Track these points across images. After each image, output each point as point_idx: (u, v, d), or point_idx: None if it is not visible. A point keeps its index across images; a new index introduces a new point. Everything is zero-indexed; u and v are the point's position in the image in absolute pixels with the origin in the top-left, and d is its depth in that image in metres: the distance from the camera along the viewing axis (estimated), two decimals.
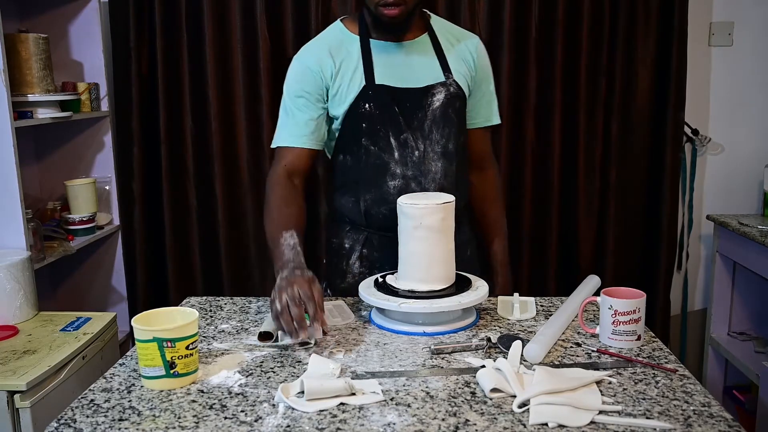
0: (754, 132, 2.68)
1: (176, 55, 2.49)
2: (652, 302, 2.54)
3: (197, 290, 2.60)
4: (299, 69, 1.56)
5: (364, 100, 1.52)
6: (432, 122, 1.54)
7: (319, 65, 1.53)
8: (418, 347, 1.30)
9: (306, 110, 1.54)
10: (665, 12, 2.45)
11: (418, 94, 1.54)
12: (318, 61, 1.53)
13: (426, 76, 1.55)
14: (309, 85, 1.54)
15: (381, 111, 1.52)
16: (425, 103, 1.54)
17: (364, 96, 1.51)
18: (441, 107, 1.55)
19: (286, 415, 1.04)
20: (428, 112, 1.54)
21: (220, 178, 2.54)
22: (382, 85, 1.52)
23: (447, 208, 1.40)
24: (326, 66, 1.53)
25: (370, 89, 1.51)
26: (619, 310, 1.27)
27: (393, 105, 1.52)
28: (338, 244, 1.65)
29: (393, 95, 1.52)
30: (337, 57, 1.53)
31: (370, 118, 1.52)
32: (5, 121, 1.91)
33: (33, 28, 2.34)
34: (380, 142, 1.53)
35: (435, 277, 1.40)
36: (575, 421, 1.00)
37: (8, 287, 1.83)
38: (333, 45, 1.55)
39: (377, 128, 1.52)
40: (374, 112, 1.52)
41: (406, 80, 1.54)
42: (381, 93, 1.52)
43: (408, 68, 1.54)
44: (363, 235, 1.61)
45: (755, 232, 2.28)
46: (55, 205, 2.47)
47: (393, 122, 1.52)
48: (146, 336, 1.12)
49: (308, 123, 1.54)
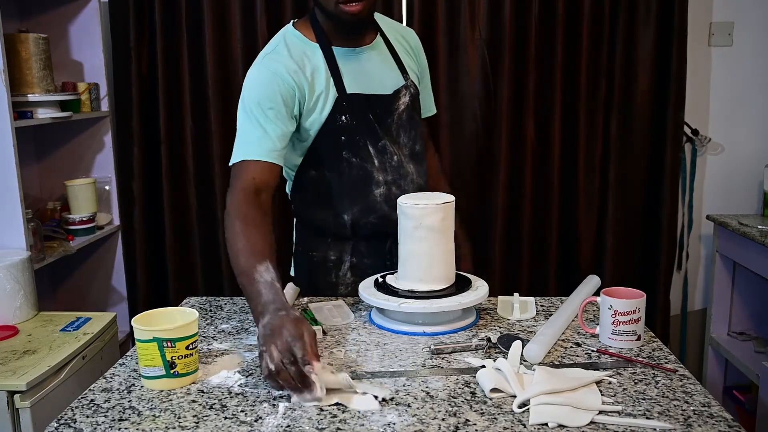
0: (754, 132, 2.68)
1: (176, 55, 2.49)
2: (652, 302, 2.54)
3: (197, 290, 2.60)
4: (269, 78, 1.41)
5: (340, 111, 1.46)
6: (399, 126, 1.54)
7: (292, 76, 1.42)
8: (418, 347, 1.30)
9: (277, 123, 1.40)
10: (665, 12, 2.45)
11: (388, 100, 1.52)
12: (290, 72, 1.42)
13: (390, 80, 1.54)
14: (281, 96, 1.41)
15: (358, 121, 1.48)
16: (393, 108, 1.53)
17: (339, 107, 1.46)
18: (406, 110, 1.55)
19: (286, 415, 1.04)
20: (395, 116, 1.53)
21: (220, 178, 2.54)
22: (354, 94, 1.47)
23: (447, 207, 1.39)
24: (300, 77, 1.43)
25: (344, 100, 1.46)
26: (619, 310, 1.27)
27: (367, 113, 1.49)
28: (321, 257, 1.59)
29: (366, 103, 1.48)
30: (307, 67, 1.44)
31: (347, 129, 1.47)
32: (5, 121, 1.91)
33: (33, 28, 2.34)
34: (361, 153, 1.50)
35: (435, 277, 1.40)
36: (575, 421, 1.00)
37: (8, 287, 1.83)
38: (298, 54, 1.45)
39: (356, 139, 1.48)
40: (351, 123, 1.47)
41: (374, 87, 1.51)
42: (355, 102, 1.47)
43: (372, 74, 1.51)
44: (349, 244, 1.57)
45: (755, 232, 2.28)
46: (55, 205, 2.47)
47: (370, 131, 1.50)
48: (146, 336, 1.12)
49: (280, 138, 1.40)
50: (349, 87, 1.47)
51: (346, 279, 1.58)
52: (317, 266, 1.60)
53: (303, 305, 1.56)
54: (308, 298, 1.61)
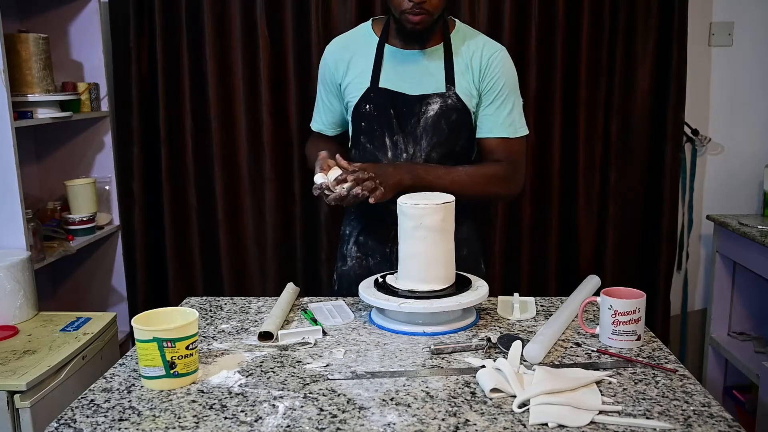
0: (754, 132, 2.68)
1: (176, 55, 2.49)
2: (652, 302, 2.53)
3: (197, 290, 2.60)
4: (323, 62, 1.72)
5: (366, 101, 1.62)
6: (423, 130, 1.60)
7: (335, 60, 1.67)
8: (418, 347, 1.30)
9: (326, 98, 1.73)
10: (665, 12, 2.45)
11: (413, 101, 1.60)
12: (335, 55, 1.68)
13: (426, 85, 1.60)
14: (328, 79, 1.70)
15: (379, 113, 1.61)
16: (418, 111, 1.60)
17: (366, 97, 1.62)
18: (434, 117, 1.59)
19: (286, 415, 1.04)
20: (421, 119, 1.60)
21: (220, 178, 2.54)
22: (383, 89, 1.61)
23: (447, 208, 1.40)
24: (341, 61, 1.66)
25: (372, 92, 1.61)
26: (619, 310, 1.28)
27: (389, 108, 1.60)
28: (343, 229, 1.79)
29: (391, 99, 1.60)
30: (352, 54, 1.65)
31: (369, 118, 1.62)
32: (5, 121, 1.91)
33: (33, 28, 2.33)
34: (375, 141, 1.63)
35: (435, 277, 1.40)
36: (575, 421, 1.00)
37: (8, 287, 1.82)
38: (353, 42, 1.68)
39: (374, 128, 1.62)
40: (373, 113, 1.62)
41: (406, 87, 1.60)
42: (381, 96, 1.61)
43: (412, 76, 1.61)
44: (362, 221, 1.73)
45: (755, 232, 2.28)
46: (55, 205, 2.47)
47: (387, 124, 1.61)
48: (146, 336, 1.12)
49: (327, 112, 1.75)
50: (383, 82, 1.61)
51: (352, 252, 1.74)
52: (340, 238, 1.81)
53: (303, 305, 1.56)
54: (308, 298, 1.62)
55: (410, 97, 1.60)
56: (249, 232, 2.59)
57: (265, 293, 2.54)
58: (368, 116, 1.62)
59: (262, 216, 2.56)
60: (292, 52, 2.45)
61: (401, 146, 1.61)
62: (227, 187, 2.55)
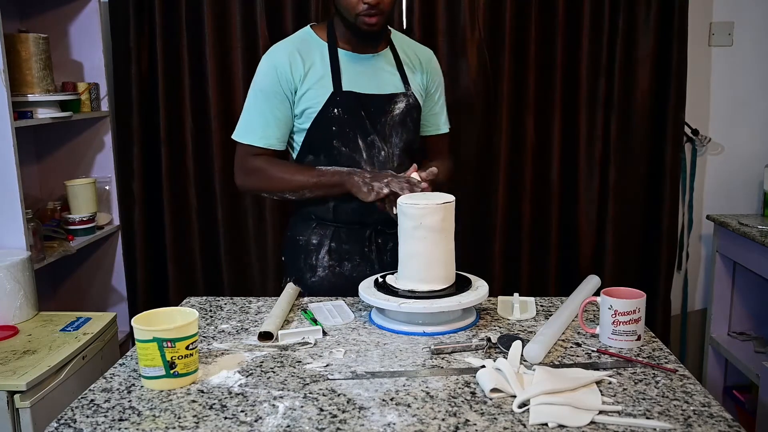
0: (754, 132, 2.68)
1: (176, 55, 2.49)
2: (652, 302, 2.53)
3: (197, 290, 2.60)
4: (270, 67, 1.62)
5: (333, 105, 1.60)
6: (392, 127, 1.66)
7: (289, 65, 1.60)
8: (418, 347, 1.30)
9: (279, 110, 1.62)
10: (665, 12, 2.45)
11: (382, 101, 1.64)
12: (288, 62, 1.61)
13: (389, 86, 1.67)
14: (281, 87, 1.61)
15: (349, 115, 1.61)
16: (387, 109, 1.66)
17: (332, 102, 1.60)
18: (400, 115, 1.67)
19: (286, 415, 1.04)
20: (389, 117, 1.66)
21: (220, 178, 2.54)
22: (349, 92, 1.61)
23: (447, 208, 1.40)
24: (296, 67, 1.60)
25: (338, 95, 1.60)
26: (619, 310, 1.28)
27: (360, 109, 1.62)
28: (305, 240, 1.72)
29: (359, 101, 1.62)
30: (306, 59, 1.61)
31: (340, 122, 1.61)
32: (5, 121, 1.91)
33: (33, 28, 2.33)
34: (350, 144, 1.63)
35: (435, 277, 1.40)
36: (575, 421, 1.00)
37: (8, 287, 1.82)
38: (302, 48, 1.63)
39: (347, 131, 1.62)
40: (343, 116, 1.61)
41: (370, 88, 1.64)
42: (349, 99, 1.61)
43: (372, 77, 1.65)
44: (330, 230, 1.69)
45: (755, 232, 2.28)
46: (55, 205, 2.47)
47: (360, 126, 1.62)
48: (146, 336, 1.12)
49: (280, 125, 1.63)
50: (345, 85, 1.61)
51: (324, 262, 1.69)
52: (301, 249, 1.72)
53: (303, 305, 1.56)
54: (308, 298, 1.62)
55: (378, 96, 1.64)
56: (249, 232, 2.59)
57: (265, 293, 2.54)
58: (338, 120, 1.60)
59: (262, 216, 2.56)
60: None
61: (378, 144, 1.64)
62: (227, 187, 2.55)
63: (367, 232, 1.69)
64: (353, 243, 1.69)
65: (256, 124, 1.64)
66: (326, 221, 1.69)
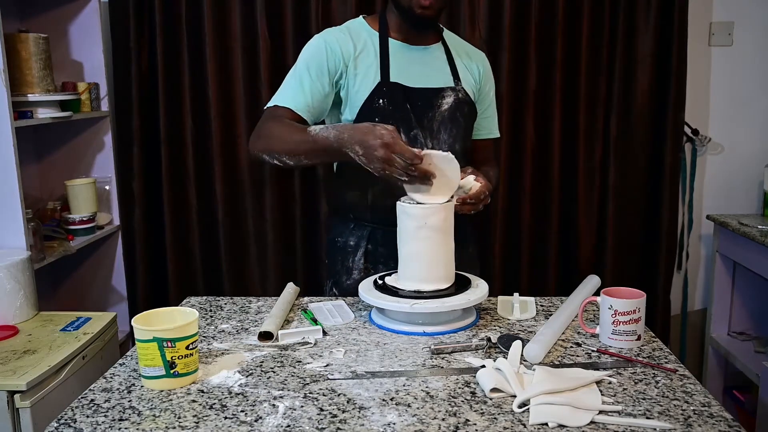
0: (754, 132, 2.68)
1: (176, 55, 2.49)
2: (652, 302, 2.54)
3: (197, 290, 2.60)
4: (321, 45, 1.58)
5: (379, 95, 1.56)
6: (441, 123, 1.61)
7: (340, 46, 1.57)
8: (418, 347, 1.30)
9: (316, 82, 1.55)
10: (665, 12, 2.45)
11: (429, 95, 1.60)
12: (340, 42, 1.57)
13: (437, 79, 1.62)
14: (326, 62, 1.56)
15: (394, 107, 1.56)
16: (435, 104, 1.60)
17: (378, 92, 1.56)
18: (450, 109, 1.62)
19: (286, 415, 1.04)
20: (437, 112, 1.60)
21: (220, 178, 2.54)
22: (395, 83, 1.57)
23: (448, 207, 1.40)
24: (347, 48, 1.57)
25: (384, 86, 1.56)
26: (619, 310, 1.28)
27: (405, 103, 1.57)
28: (343, 242, 1.68)
29: (405, 93, 1.57)
30: (358, 44, 1.58)
31: (384, 113, 1.56)
32: (5, 121, 1.91)
33: (33, 28, 2.33)
34: None
35: (438, 276, 1.40)
36: (575, 421, 1.00)
37: (8, 287, 1.82)
38: (355, 34, 1.60)
39: (389, 123, 1.52)
40: (387, 107, 1.56)
41: (418, 81, 1.59)
42: (394, 90, 1.57)
43: (421, 70, 1.61)
44: (367, 230, 1.65)
45: (755, 232, 2.28)
46: (55, 205, 2.47)
47: (404, 119, 1.57)
48: (146, 336, 1.12)
49: (314, 94, 1.55)
50: (393, 76, 1.57)
51: (359, 264, 1.66)
52: (339, 251, 1.69)
53: (303, 305, 1.56)
54: (308, 298, 1.61)
55: (425, 90, 1.59)
56: (249, 232, 2.59)
57: (265, 293, 2.54)
58: (382, 111, 1.55)
59: (262, 216, 2.56)
60: (292, 52, 2.45)
61: (420, 140, 1.58)
62: (227, 187, 2.55)
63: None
64: (388, 246, 1.60)
65: (288, 88, 1.58)
66: (364, 221, 1.65)
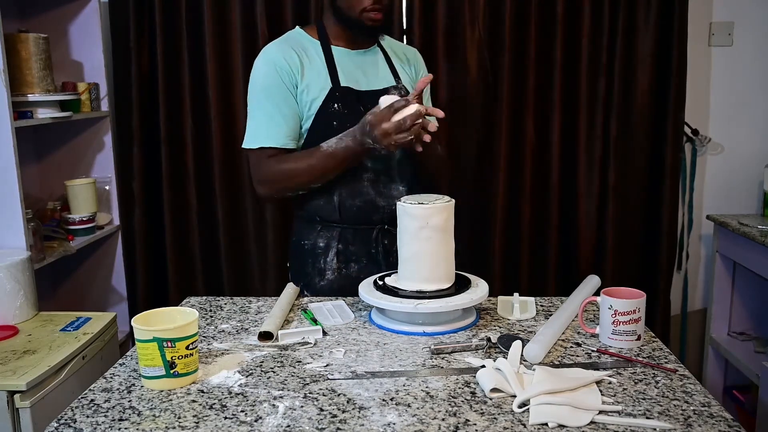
0: (754, 132, 2.68)
1: (176, 55, 2.49)
2: (652, 302, 2.53)
3: (197, 290, 2.60)
4: (270, 67, 1.60)
5: (333, 100, 1.61)
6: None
7: (286, 60, 1.59)
8: (418, 347, 1.30)
9: (285, 105, 1.59)
10: (665, 12, 2.45)
11: (377, 96, 1.60)
12: (284, 56, 1.60)
13: (381, 80, 1.70)
14: (282, 81, 1.59)
15: (348, 110, 1.61)
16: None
17: (332, 97, 1.61)
18: None
19: (286, 415, 1.04)
20: None
21: (220, 178, 2.54)
22: (347, 87, 1.63)
23: (449, 207, 1.40)
24: (293, 60, 1.60)
25: (337, 91, 1.61)
26: (619, 310, 1.28)
27: (358, 105, 1.62)
28: (311, 244, 1.69)
29: (357, 96, 1.63)
30: (301, 55, 1.62)
31: (341, 117, 1.60)
32: (5, 121, 1.91)
33: (33, 28, 2.33)
34: None
35: (440, 276, 1.40)
36: (575, 421, 1.00)
37: (8, 287, 1.82)
38: (296, 44, 1.64)
39: (347, 126, 1.58)
40: (342, 111, 1.61)
41: (365, 83, 1.66)
42: (347, 94, 1.62)
43: (365, 73, 1.68)
44: (336, 231, 1.67)
45: (755, 232, 2.28)
46: (55, 205, 2.47)
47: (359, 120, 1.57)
48: (146, 336, 1.12)
49: (288, 121, 1.60)
50: (343, 81, 1.63)
51: (332, 265, 1.67)
52: (307, 253, 1.70)
53: (303, 305, 1.56)
54: (308, 298, 1.62)
55: (373, 92, 1.64)
56: (249, 232, 2.59)
57: (265, 293, 2.54)
58: (338, 115, 1.60)
59: (262, 216, 2.56)
60: None
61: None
62: (227, 187, 2.55)
63: (373, 233, 1.67)
64: (360, 244, 1.66)
65: (263, 125, 1.60)
66: (332, 222, 1.66)
